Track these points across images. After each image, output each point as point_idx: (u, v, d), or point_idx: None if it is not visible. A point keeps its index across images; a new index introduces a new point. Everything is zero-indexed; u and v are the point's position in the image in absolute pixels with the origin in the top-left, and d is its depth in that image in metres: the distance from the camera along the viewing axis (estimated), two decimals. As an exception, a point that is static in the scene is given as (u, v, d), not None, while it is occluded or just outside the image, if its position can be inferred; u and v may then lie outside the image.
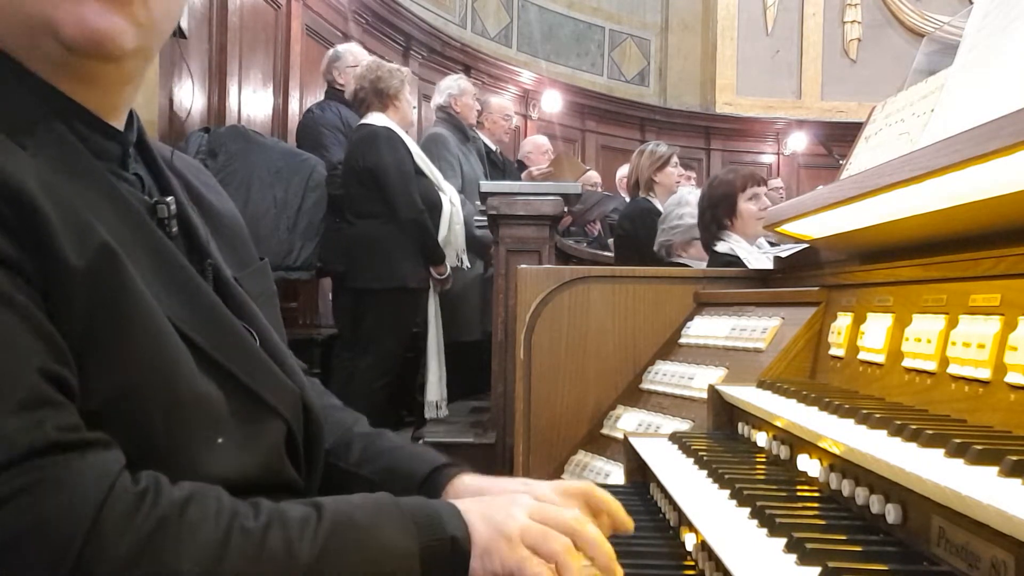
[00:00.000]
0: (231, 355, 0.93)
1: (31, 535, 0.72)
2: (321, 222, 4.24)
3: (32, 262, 0.78)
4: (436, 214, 4.23)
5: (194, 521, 0.81)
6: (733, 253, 3.19)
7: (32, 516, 0.73)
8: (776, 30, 10.13)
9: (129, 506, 0.78)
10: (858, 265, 1.58)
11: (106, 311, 0.82)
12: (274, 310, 1.14)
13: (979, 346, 1.03)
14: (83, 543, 0.74)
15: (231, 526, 0.82)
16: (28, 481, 0.73)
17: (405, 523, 0.89)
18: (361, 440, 1.20)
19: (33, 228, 0.79)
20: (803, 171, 10.08)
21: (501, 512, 0.94)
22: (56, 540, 0.73)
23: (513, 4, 9.37)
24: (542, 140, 6.66)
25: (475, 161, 5.07)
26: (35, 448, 0.75)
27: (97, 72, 0.91)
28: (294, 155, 4.37)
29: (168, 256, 0.92)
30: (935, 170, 1.06)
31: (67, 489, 0.76)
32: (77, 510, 0.75)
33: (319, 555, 0.83)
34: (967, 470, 0.79)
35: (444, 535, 0.90)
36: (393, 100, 4.24)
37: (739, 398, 1.44)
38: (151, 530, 0.78)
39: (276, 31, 5.79)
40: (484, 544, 0.90)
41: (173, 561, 0.77)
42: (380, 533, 0.87)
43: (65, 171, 0.85)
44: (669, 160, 4.90)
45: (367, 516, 0.89)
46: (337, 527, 0.86)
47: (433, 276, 4.18)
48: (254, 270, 1.13)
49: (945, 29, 1.96)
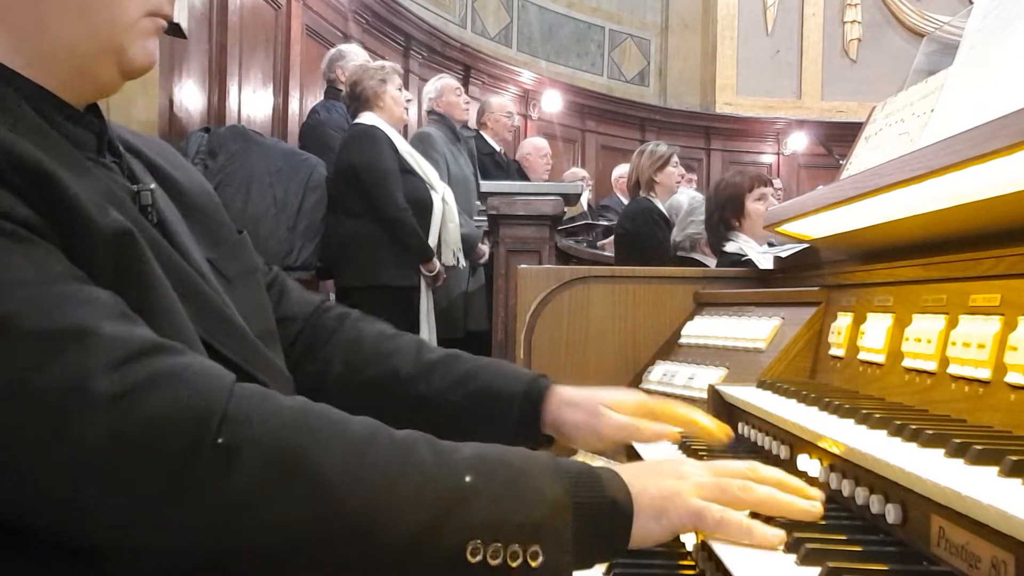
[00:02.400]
0: (226, 342, 0.94)
1: (166, 420, 0.71)
2: (321, 222, 4.24)
3: (57, 231, 0.79)
4: (426, 212, 4.22)
5: (339, 417, 0.79)
6: (743, 253, 3.19)
7: (164, 402, 0.72)
8: (776, 30, 10.13)
9: (261, 395, 0.77)
10: (858, 265, 1.58)
11: (128, 279, 0.83)
12: (256, 286, 1.12)
13: (979, 346, 1.03)
14: (220, 420, 0.72)
15: (377, 429, 0.80)
16: (149, 372, 0.73)
17: (560, 475, 0.83)
18: (440, 366, 1.17)
19: (55, 198, 0.79)
20: (803, 171, 10.07)
21: (671, 472, 0.90)
22: (194, 421, 0.72)
23: (513, 4, 9.37)
24: (541, 142, 6.65)
25: (464, 161, 5.05)
26: (143, 347, 0.74)
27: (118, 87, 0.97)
28: (294, 155, 4.37)
29: (159, 244, 0.93)
30: (935, 170, 1.06)
31: (194, 376, 0.75)
32: (209, 394, 0.74)
33: (469, 478, 0.79)
34: (967, 470, 0.79)
35: (603, 495, 0.84)
36: (377, 100, 4.23)
37: (739, 398, 1.43)
38: (290, 417, 0.76)
39: (276, 31, 5.79)
40: (659, 504, 0.86)
41: (315, 455, 0.75)
42: (533, 478, 0.82)
43: (59, 160, 0.85)
44: (669, 160, 4.90)
45: (519, 459, 0.84)
46: (487, 460, 0.82)
47: (423, 274, 4.18)
48: (230, 247, 1.10)
49: (945, 29, 1.96)
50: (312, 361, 1.20)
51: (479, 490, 0.79)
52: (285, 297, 1.23)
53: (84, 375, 0.70)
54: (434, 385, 1.15)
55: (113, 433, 0.70)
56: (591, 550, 0.84)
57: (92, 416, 0.69)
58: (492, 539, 0.77)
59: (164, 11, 0.96)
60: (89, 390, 0.70)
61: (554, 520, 0.80)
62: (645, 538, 0.86)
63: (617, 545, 0.85)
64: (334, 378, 1.18)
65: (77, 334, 0.72)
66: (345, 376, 1.18)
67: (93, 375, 0.70)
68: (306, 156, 4.38)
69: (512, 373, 1.16)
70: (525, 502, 0.80)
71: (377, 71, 4.29)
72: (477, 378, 1.15)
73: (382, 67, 4.37)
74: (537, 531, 0.79)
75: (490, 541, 0.77)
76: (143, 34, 0.94)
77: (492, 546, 0.77)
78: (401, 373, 1.16)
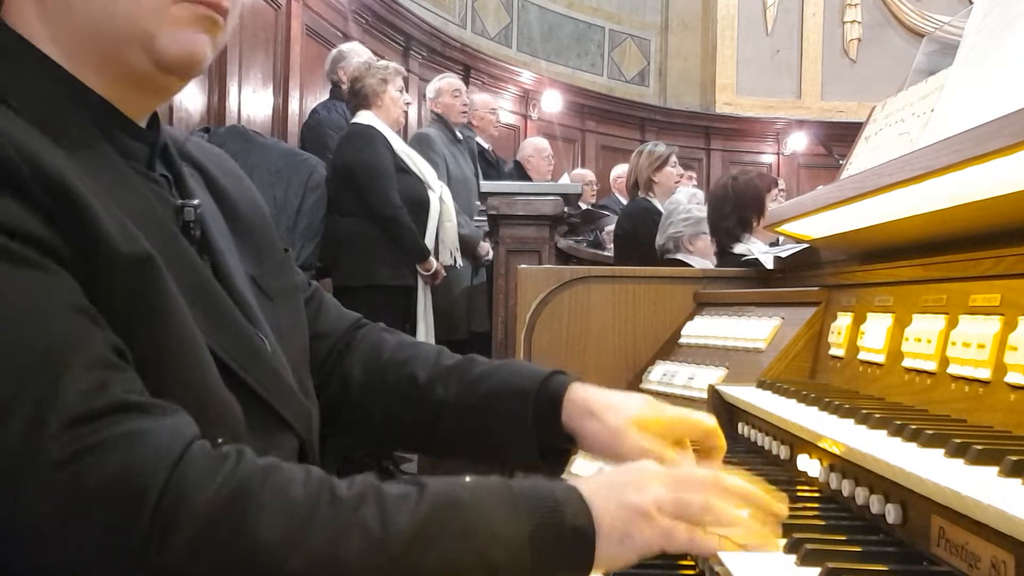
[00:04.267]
0: (249, 368, 0.92)
1: (105, 491, 0.70)
2: (321, 222, 4.24)
3: (73, 251, 0.77)
4: (423, 212, 4.21)
5: (279, 485, 0.76)
6: (751, 254, 3.20)
7: (106, 472, 0.70)
8: (776, 30, 10.12)
9: (209, 465, 0.75)
10: (858, 265, 1.58)
11: (146, 308, 0.81)
12: (296, 306, 1.11)
13: (979, 346, 1.03)
14: (159, 497, 0.71)
15: (319, 494, 0.77)
16: (101, 438, 0.71)
17: (516, 507, 0.81)
18: (457, 370, 1.15)
19: (76, 217, 0.78)
20: (803, 171, 10.07)
21: (631, 489, 0.86)
22: (131, 496, 0.70)
23: (513, 4, 9.36)
24: (543, 143, 6.65)
25: (465, 161, 5.04)
26: (105, 407, 0.73)
27: (168, 85, 0.94)
28: (294, 155, 4.37)
29: (193, 265, 0.92)
30: (935, 170, 1.06)
31: (141, 446, 0.73)
32: (153, 466, 0.72)
33: (416, 534, 0.76)
34: (967, 470, 0.79)
35: (562, 522, 0.81)
36: (376, 99, 4.23)
37: (739, 398, 1.43)
38: (232, 489, 0.74)
39: (276, 31, 5.79)
40: (622, 527, 0.83)
41: (253, 524, 0.73)
42: (486, 516, 0.80)
43: (97, 170, 0.85)
44: (668, 160, 4.90)
45: (472, 496, 0.81)
46: (438, 506, 0.79)
47: (420, 274, 4.17)
48: (275, 265, 1.09)
49: (945, 29, 1.96)
50: (336, 373, 1.19)
51: (428, 540, 0.77)
52: (323, 314, 1.22)
53: (37, 433, 0.70)
54: (451, 389, 1.13)
55: (55, 504, 0.69)
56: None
57: (37, 482, 0.69)
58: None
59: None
60: (39, 452, 0.69)
61: (511, 560, 0.78)
62: (610, 562, 0.84)
63: (580, 571, 0.83)
64: (355, 386, 1.18)
65: (48, 385, 0.71)
66: (365, 383, 1.18)
67: (46, 434, 0.70)
68: (306, 156, 4.38)
69: (527, 371, 1.14)
70: (479, 546, 0.78)
71: (380, 70, 4.29)
72: (491, 378, 1.13)
73: (386, 67, 4.37)
74: (493, 570, 0.78)
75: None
76: (176, 22, 0.89)
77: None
78: (419, 379, 1.15)
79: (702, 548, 0.84)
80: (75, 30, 0.88)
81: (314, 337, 1.17)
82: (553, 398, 1.09)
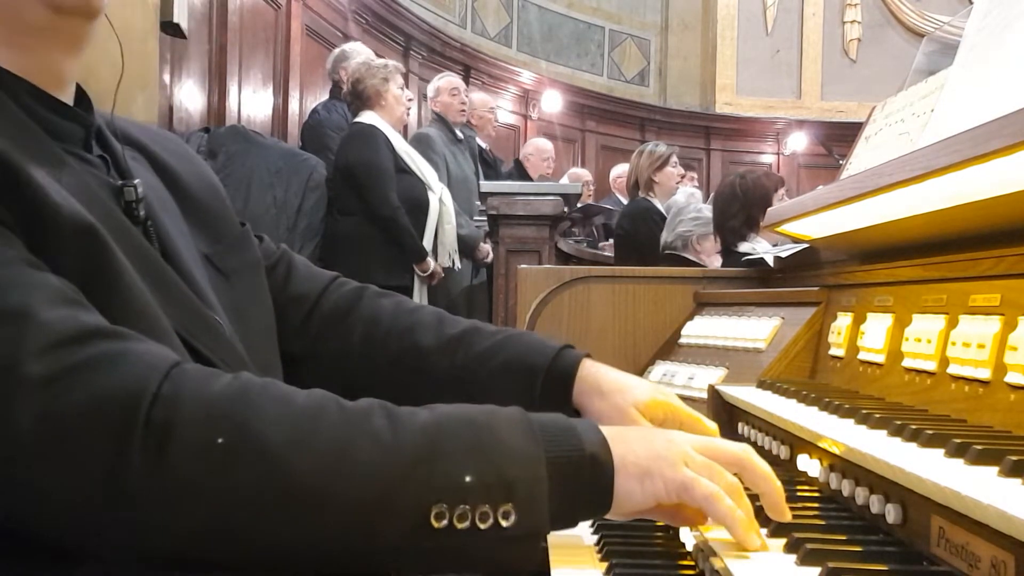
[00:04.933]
0: (206, 342, 0.91)
1: (95, 403, 0.68)
2: (321, 222, 4.24)
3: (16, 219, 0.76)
4: (422, 213, 4.21)
5: (281, 392, 0.74)
6: (755, 253, 3.20)
7: (93, 385, 0.68)
8: (776, 30, 10.12)
9: (203, 375, 0.73)
10: (858, 265, 1.58)
11: (99, 279, 0.80)
12: (257, 283, 1.09)
13: (979, 346, 1.03)
14: (151, 404, 0.68)
15: (323, 403, 0.75)
16: (84, 355, 0.69)
17: (532, 429, 0.78)
18: (463, 341, 1.13)
19: (20, 190, 0.76)
20: (803, 171, 10.07)
21: (660, 437, 0.85)
22: (121, 405, 0.68)
23: (513, 4, 9.37)
24: (544, 143, 6.66)
25: (465, 160, 5.04)
26: (82, 331, 0.71)
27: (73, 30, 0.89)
28: (294, 155, 4.37)
29: (138, 244, 0.90)
30: (935, 170, 1.06)
31: (127, 361, 0.71)
32: (143, 375, 0.70)
33: (428, 444, 0.73)
34: (967, 470, 0.79)
35: (580, 448, 0.78)
36: (379, 99, 4.23)
37: (739, 398, 1.43)
38: (233, 392, 0.72)
39: (276, 31, 5.79)
40: (644, 465, 0.81)
41: (257, 426, 0.70)
42: (501, 433, 0.76)
43: (30, 151, 0.82)
44: (668, 160, 4.91)
45: (485, 415, 0.78)
46: (450, 420, 0.76)
47: (417, 274, 4.17)
48: (231, 242, 1.07)
49: (945, 29, 1.96)
50: (331, 339, 1.16)
51: (440, 451, 0.74)
52: (293, 275, 1.20)
53: (16, 357, 0.67)
54: (458, 360, 1.11)
55: (44, 417, 0.67)
56: (571, 508, 0.79)
57: (22, 399, 0.67)
58: (457, 501, 0.72)
59: None
60: (20, 372, 0.67)
61: (527, 476, 0.75)
62: (626, 500, 0.81)
63: (600, 501, 0.80)
64: (355, 356, 1.15)
65: (14, 316, 0.69)
66: (366, 353, 1.15)
67: (26, 357, 0.67)
68: (306, 156, 4.39)
69: (537, 345, 1.12)
70: (493, 460, 0.74)
71: (380, 69, 4.28)
72: (502, 352, 1.11)
73: (385, 65, 4.37)
74: (508, 489, 0.74)
75: (456, 503, 0.72)
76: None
77: (458, 508, 0.72)
78: (423, 348, 1.13)
79: (715, 511, 0.82)
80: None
81: (289, 301, 1.15)
82: (564, 375, 1.08)
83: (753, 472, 0.88)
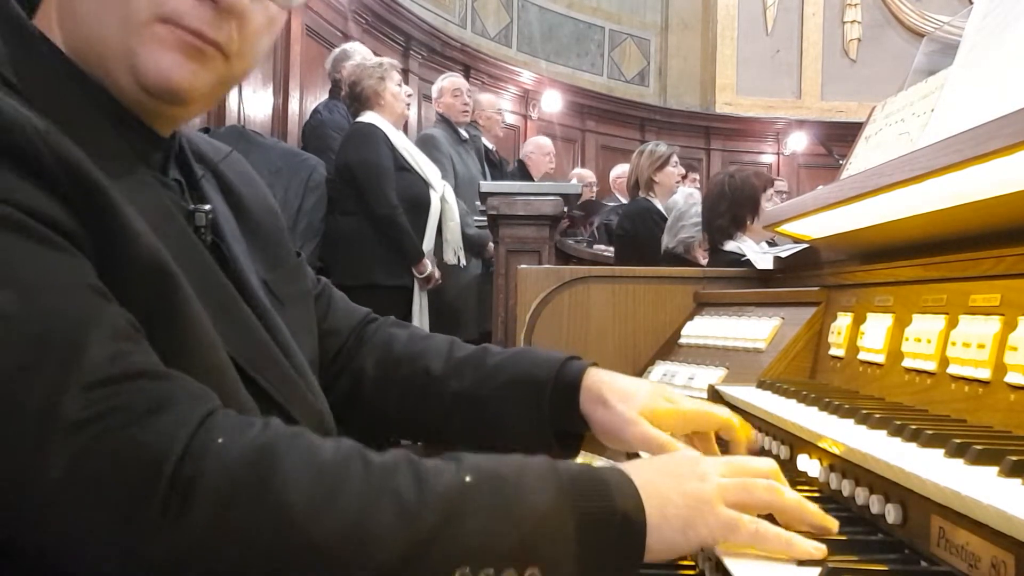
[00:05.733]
0: (265, 373, 0.91)
1: (125, 453, 0.67)
2: (321, 222, 4.24)
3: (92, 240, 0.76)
4: (423, 211, 4.20)
5: (308, 448, 0.73)
6: (741, 252, 3.20)
7: (126, 434, 0.68)
8: (776, 30, 10.12)
9: (233, 427, 0.72)
10: (858, 265, 1.58)
11: (165, 312, 0.79)
12: (306, 311, 1.10)
13: (979, 346, 1.03)
14: (180, 458, 0.68)
15: (349, 459, 0.73)
16: (123, 401, 0.69)
17: (561, 486, 0.76)
18: (471, 362, 1.14)
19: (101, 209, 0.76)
20: (803, 171, 10.07)
21: (690, 475, 0.82)
22: (152, 458, 0.67)
23: (513, 4, 9.37)
24: (545, 141, 6.66)
25: (471, 160, 5.04)
26: (126, 372, 0.70)
27: (161, 111, 0.90)
28: (294, 155, 4.37)
29: (208, 270, 0.91)
30: (935, 170, 1.06)
31: (164, 408, 0.70)
32: (175, 426, 0.69)
33: (452, 506, 0.72)
34: (967, 470, 0.79)
35: (611, 505, 0.76)
36: (377, 99, 4.22)
37: (739, 398, 1.43)
38: (258, 449, 0.71)
39: (276, 31, 5.78)
40: (685, 515, 0.79)
41: (280, 486, 0.69)
42: (529, 491, 0.75)
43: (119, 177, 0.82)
44: (669, 160, 4.91)
45: (514, 471, 0.76)
46: (477, 479, 0.74)
47: (415, 275, 4.17)
48: (287, 270, 1.08)
49: (945, 29, 1.96)
50: (348, 369, 1.19)
51: (466, 512, 0.72)
52: (332, 311, 1.21)
53: (59, 397, 0.67)
54: (466, 381, 1.12)
55: (74, 464, 0.67)
56: (599, 567, 0.76)
57: (57, 441, 0.67)
58: (482, 565, 0.71)
59: (183, 21, 0.84)
60: (59, 413, 0.67)
61: (554, 537, 0.73)
62: (668, 551, 0.79)
63: (630, 559, 0.78)
64: (368, 382, 1.17)
65: (64, 348, 0.69)
66: (378, 378, 1.17)
67: (66, 395, 0.67)
68: (306, 156, 4.39)
69: (542, 359, 1.12)
70: (520, 521, 0.73)
71: (375, 69, 4.27)
72: (508, 368, 1.12)
73: (380, 64, 4.35)
74: (534, 552, 0.72)
75: (479, 568, 0.71)
76: (156, 42, 0.83)
77: (483, 573, 0.71)
78: (432, 371, 1.14)
79: (765, 543, 0.81)
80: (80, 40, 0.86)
81: (324, 334, 1.16)
82: (570, 385, 1.08)
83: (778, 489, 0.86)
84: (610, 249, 5.20)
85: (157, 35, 0.84)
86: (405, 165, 4.20)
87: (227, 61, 0.88)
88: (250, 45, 0.90)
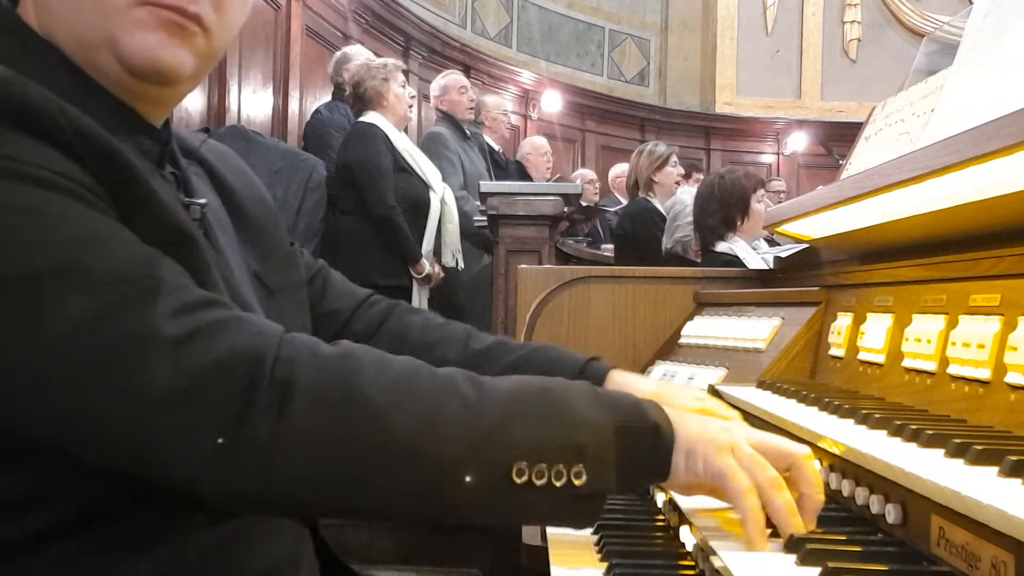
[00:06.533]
0: None
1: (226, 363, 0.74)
2: (321, 222, 4.24)
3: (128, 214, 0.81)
4: (423, 212, 4.20)
5: (380, 355, 0.82)
6: (732, 253, 3.20)
7: (221, 346, 0.75)
8: (776, 30, 10.12)
9: (309, 340, 0.81)
10: (858, 265, 1.58)
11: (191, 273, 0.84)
12: (300, 301, 1.12)
13: (979, 346, 1.03)
14: (273, 363, 0.75)
15: (417, 366, 0.83)
16: (208, 320, 0.76)
17: (601, 400, 0.85)
18: (489, 357, 1.17)
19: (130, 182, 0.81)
20: (803, 171, 10.07)
21: (718, 423, 0.91)
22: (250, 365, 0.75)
23: (513, 4, 9.37)
24: (541, 141, 6.65)
25: (476, 158, 5.04)
26: (201, 300, 0.78)
27: (150, 92, 0.92)
28: (294, 155, 4.37)
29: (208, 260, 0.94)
30: (935, 170, 1.06)
31: (246, 326, 0.78)
32: (263, 339, 0.77)
33: (508, 406, 0.81)
34: (967, 470, 0.79)
35: (645, 419, 0.85)
36: (381, 100, 4.22)
37: (739, 398, 1.43)
38: (339, 355, 0.80)
39: (276, 31, 5.79)
40: (690, 442, 0.87)
41: (363, 384, 0.78)
42: (574, 403, 0.84)
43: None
44: (668, 160, 4.90)
45: (560, 386, 0.86)
46: (528, 386, 0.85)
47: (413, 275, 4.16)
48: (279, 260, 1.11)
49: (945, 29, 1.96)
50: None
51: (521, 415, 0.81)
52: (329, 290, 1.23)
53: (152, 320, 0.74)
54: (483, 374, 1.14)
55: (177, 372, 0.73)
56: (634, 472, 0.85)
57: (158, 357, 0.73)
58: (536, 459, 0.79)
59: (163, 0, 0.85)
60: (156, 334, 0.73)
61: (597, 442, 0.82)
62: (673, 472, 0.87)
63: (659, 469, 0.86)
64: None
65: (147, 283, 0.75)
66: None
67: (159, 320, 0.74)
68: (305, 156, 4.39)
69: (564, 359, 1.16)
70: (567, 425, 0.81)
71: (379, 70, 4.27)
72: (527, 365, 1.14)
73: (384, 65, 4.35)
74: (580, 452, 0.80)
75: (535, 461, 0.79)
76: (137, 25, 0.85)
77: (537, 466, 0.79)
78: (448, 362, 1.14)
79: (739, 505, 0.86)
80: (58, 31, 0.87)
81: (322, 316, 1.18)
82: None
83: (801, 472, 0.90)
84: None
85: (138, 18, 0.86)
86: (405, 166, 4.20)
87: (207, 36, 0.90)
88: (226, 18, 0.92)
